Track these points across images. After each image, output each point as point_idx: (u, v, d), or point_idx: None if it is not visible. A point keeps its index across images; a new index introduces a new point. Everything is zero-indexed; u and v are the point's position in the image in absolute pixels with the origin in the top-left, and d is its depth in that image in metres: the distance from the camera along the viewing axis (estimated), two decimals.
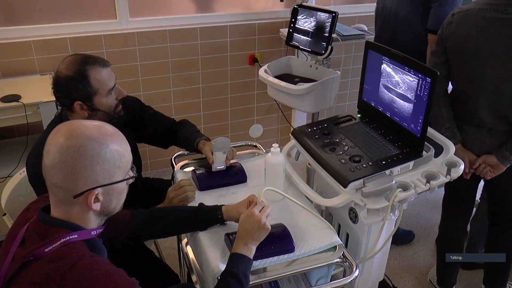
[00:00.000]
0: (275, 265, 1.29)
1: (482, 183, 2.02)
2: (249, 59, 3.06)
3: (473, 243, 2.32)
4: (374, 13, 2.49)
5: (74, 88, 1.44)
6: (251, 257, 1.21)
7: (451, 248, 2.07)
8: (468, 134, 1.77)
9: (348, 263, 1.32)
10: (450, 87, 1.87)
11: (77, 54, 1.50)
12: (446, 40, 1.73)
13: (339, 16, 2.07)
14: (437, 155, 1.52)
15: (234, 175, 1.65)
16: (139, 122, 1.80)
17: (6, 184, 1.71)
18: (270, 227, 1.26)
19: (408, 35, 2.20)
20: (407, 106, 1.49)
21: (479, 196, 2.27)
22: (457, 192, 2.01)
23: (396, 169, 1.42)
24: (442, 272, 2.17)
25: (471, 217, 2.25)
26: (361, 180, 1.37)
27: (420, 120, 1.44)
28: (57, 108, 2.15)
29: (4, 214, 1.66)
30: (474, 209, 2.24)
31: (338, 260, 1.32)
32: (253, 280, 1.22)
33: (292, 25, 2.25)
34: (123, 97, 1.56)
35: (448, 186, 2.02)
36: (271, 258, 1.28)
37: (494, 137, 1.71)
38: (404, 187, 1.39)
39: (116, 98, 1.54)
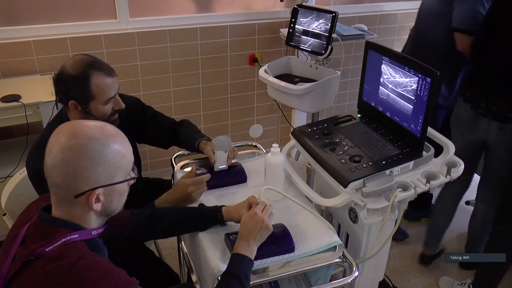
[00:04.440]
0: (275, 265, 1.29)
1: (476, 182, 2.03)
2: (249, 59, 3.06)
3: (473, 243, 2.32)
4: (375, 14, 2.48)
5: (72, 88, 1.45)
6: (253, 257, 1.21)
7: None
8: None
9: (348, 263, 1.32)
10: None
11: (87, 55, 1.49)
12: None
13: (339, 16, 2.07)
14: (437, 155, 1.52)
15: (234, 175, 1.65)
16: (140, 123, 1.80)
17: (6, 184, 1.71)
18: (272, 227, 1.26)
19: (439, 32, 2.16)
20: (407, 106, 1.49)
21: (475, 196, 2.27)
22: None
23: (396, 169, 1.42)
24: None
25: (470, 217, 2.26)
26: (361, 180, 1.37)
27: (420, 120, 1.44)
28: (57, 108, 2.15)
29: (4, 214, 1.66)
30: (471, 208, 2.23)
31: (338, 260, 1.32)
32: (253, 280, 1.22)
33: (292, 25, 2.25)
34: (120, 108, 1.55)
35: None
36: (271, 258, 1.28)
37: None
38: (404, 187, 1.39)
39: (112, 108, 1.53)
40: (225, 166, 1.63)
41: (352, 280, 1.29)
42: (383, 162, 1.42)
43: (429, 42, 2.20)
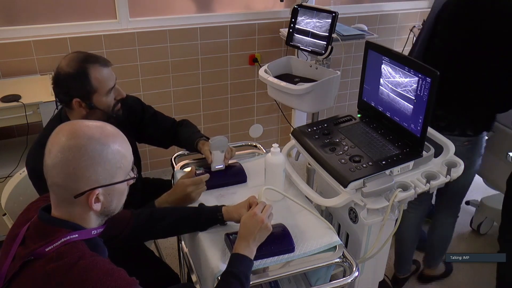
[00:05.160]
0: (275, 265, 1.29)
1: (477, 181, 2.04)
2: (249, 59, 3.06)
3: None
4: (375, 14, 2.46)
5: (73, 86, 1.45)
6: (252, 257, 1.21)
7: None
8: None
9: (348, 263, 1.32)
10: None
11: (79, 52, 1.50)
12: None
13: (339, 16, 2.08)
14: (437, 155, 1.52)
15: (234, 175, 1.65)
16: (140, 122, 1.80)
17: (6, 184, 1.71)
18: (271, 227, 1.26)
19: None
20: (407, 106, 1.49)
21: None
22: None
23: (396, 169, 1.42)
24: None
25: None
26: (361, 180, 1.37)
27: (420, 120, 1.44)
28: (56, 107, 2.15)
29: (4, 214, 1.66)
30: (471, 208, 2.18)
31: (338, 260, 1.32)
32: (253, 280, 1.22)
33: (292, 25, 2.25)
34: (122, 97, 1.56)
35: None
36: (271, 258, 1.28)
37: None
38: (404, 187, 1.39)
39: (115, 98, 1.54)
40: (222, 166, 1.63)
41: (352, 280, 1.29)
42: (383, 162, 1.42)
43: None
